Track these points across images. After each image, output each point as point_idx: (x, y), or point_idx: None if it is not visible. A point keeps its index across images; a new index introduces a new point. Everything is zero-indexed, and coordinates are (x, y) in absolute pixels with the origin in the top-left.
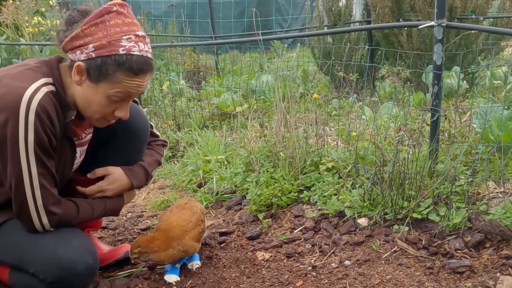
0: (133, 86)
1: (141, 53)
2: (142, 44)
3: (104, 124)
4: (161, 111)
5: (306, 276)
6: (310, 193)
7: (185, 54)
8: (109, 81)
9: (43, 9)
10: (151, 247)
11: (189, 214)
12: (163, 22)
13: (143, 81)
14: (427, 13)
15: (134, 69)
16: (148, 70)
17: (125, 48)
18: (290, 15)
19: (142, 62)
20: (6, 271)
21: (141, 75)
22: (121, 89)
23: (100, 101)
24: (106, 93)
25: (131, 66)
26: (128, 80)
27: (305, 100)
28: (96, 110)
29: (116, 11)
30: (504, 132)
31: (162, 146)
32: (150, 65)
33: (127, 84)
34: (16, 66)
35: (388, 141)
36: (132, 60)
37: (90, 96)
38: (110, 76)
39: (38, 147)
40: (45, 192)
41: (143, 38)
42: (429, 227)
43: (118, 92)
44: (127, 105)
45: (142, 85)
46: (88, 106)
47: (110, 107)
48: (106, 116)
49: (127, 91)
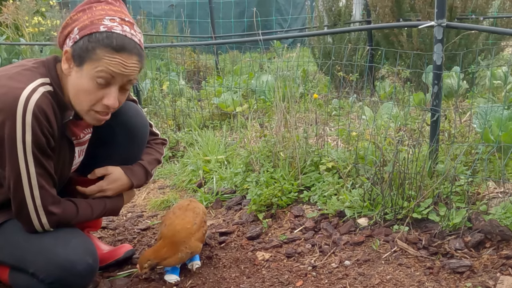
0: (114, 64)
1: (124, 33)
2: (127, 27)
3: (98, 120)
4: (161, 111)
5: (306, 276)
6: (310, 193)
7: (185, 54)
8: (91, 59)
9: (43, 9)
10: (160, 256)
11: (193, 216)
12: (163, 22)
13: (127, 61)
14: (427, 13)
15: (114, 44)
16: (131, 51)
17: (107, 26)
18: (290, 15)
19: (123, 40)
20: (6, 272)
21: (123, 53)
22: (102, 67)
23: (86, 85)
24: (90, 74)
25: (111, 41)
26: (109, 57)
27: (305, 100)
28: (84, 98)
29: (106, 1)
30: (504, 132)
31: (162, 144)
32: (133, 46)
33: (107, 61)
34: (14, 67)
35: (388, 141)
36: (112, 37)
37: (77, 83)
38: (91, 53)
39: (36, 148)
40: (43, 192)
41: (129, 24)
42: (429, 227)
43: (101, 72)
44: (114, 90)
45: (126, 65)
46: (77, 95)
47: (97, 93)
48: (95, 105)
49: (109, 69)
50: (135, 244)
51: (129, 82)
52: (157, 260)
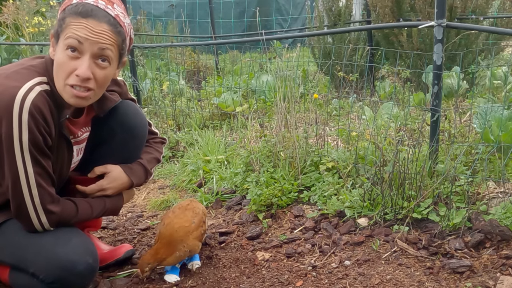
0: (80, 29)
1: (95, 4)
2: (102, 2)
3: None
4: (161, 111)
5: (306, 276)
6: (310, 193)
7: (185, 54)
8: (62, 30)
9: (44, 9)
10: (158, 258)
11: (192, 215)
12: (163, 22)
13: (94, 27)
14: (427, 13)
15: (79, 10)
16: (100, 18)
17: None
18: (290, 15)
19: (90, 7)
20: (6, 271)
21: (89, 19)
22: (69, 33)
23: (60, 58)
24: (62, 45)
25: (77, 8)
26: (75, 23)
27: (305, 100)
28: (59, 73)
29: None
30: (504, 132)
31: (161, 143)
32: (103, 15)
33: (74, 26)
34: (11, 66)
35: (388, 141)
36: (81, 4)
37: (55, 60)
38: (62, 24)
39: (33, 147)
40: (42, 191)
41: (107, 1)
42: (429, 227)
43: (68, 38)
44: (85, 60)
45: (93, 30)
46: (55, 73)
47: (69, 64)
48: (68, 78)
49: (75, 35)
50: (135, 244)
51: (102, 53)
52: (156, 262)
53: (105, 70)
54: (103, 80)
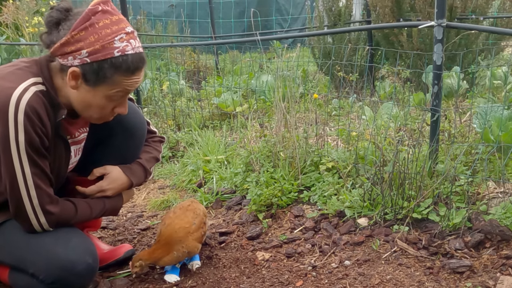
0: (131, 84)
1: (134, 51)
2: (133, 41)
3: (102, 121)
4: (161, 111)
5: (306, 276)
6: (310, 193)
7: (185, 54)
8: (108, 84)
9: (43, 9)
10: (154, 258)
11: (193, 216)
12: (163, 22)
13: (140, 76)
14: (427, 13)
15: (131, 69)
16: (143, 66)
17: (120, 50)
18: (290, 15)
19: (137, 60)
20: (6, 272)
21: (137, 73)
22: (120, 88)
23: (100, 102)
24: (105, 94)
25: (128, 67)
26: (127, 80)
27: (305, 100)
28: (96, 111)
29: (102, 11)
30: (504, 132)
31: (160, 142)
32: (144, 60)
33: (125, 84)
34: (7, 67)
35: (388, 141)
36: (128, 61)
37: (88, 99)
38: (109, 80)
39: (30, 147)
40: (40, 191)
41: (132, 34)
42: (429, 227)
43: (118, 92)
44: (125, 101)
45: (139, 80)
46: (87, 108)
47: (110, 106)
48: (106, 115)
49: (125, 89)
50: (135, 244)
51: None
52: (150, 261)
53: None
54: None
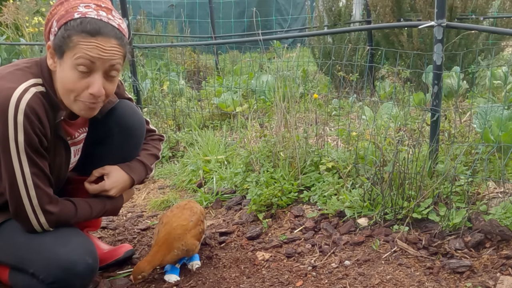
0: (91, 49)
1: (99, 18)
2: (103, 13)
3: (86, 109)
4: (161, 111)
5: (306, 276)
6: (310, 193)
7: (185, 54)
8: (69, 47)
9: (43, 9)
10: (154, 263)
11: (190, 214)
12: (163, 22)
13: (104, 44)
14: (428, 13)
15: (88, 29)
16: (108, 34)
17: (81, 13)
18: (290, 15)
19: (97, 23)
20: (6, 272)
21: (98, 37)
22: (80, 53)
23: (69, 76)
24: (70, 63)
25: (85, 26)
26: (85, 42)
27: (305, 100)
28: (69, 89)
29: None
30: (504, 132)
31: (159, 140)
32: (110, 30)
33: (84, 46)
34: (7, 67)
35: (388, 141)
36: (86, 21)
37: (61, 76)
38: (68, 41)
39: (29, 147)
40: (39, 191)
41: (106, 9)
42: (429, 227)
43: (79, 58)
44: (97, 78)
45: (104, 49)
46: (63, 89)
47: (81, 83)
48: (80, 95)
49: (87, 55)
50: (135, 244)
51: (112, 68)
52: (152, 268)
53: (114, 81)
54: (112, 90)
